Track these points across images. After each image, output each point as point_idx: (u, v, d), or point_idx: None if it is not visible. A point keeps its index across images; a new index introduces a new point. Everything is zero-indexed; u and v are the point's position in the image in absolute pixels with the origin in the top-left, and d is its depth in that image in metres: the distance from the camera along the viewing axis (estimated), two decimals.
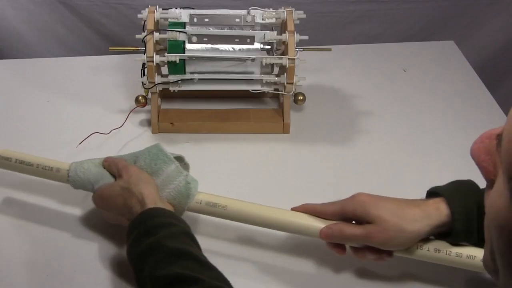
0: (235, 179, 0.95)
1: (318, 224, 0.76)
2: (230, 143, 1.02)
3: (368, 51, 1.26)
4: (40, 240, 0.84)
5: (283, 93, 1.01)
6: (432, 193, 0.76)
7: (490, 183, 0.42)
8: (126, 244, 0.73)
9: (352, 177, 0.96)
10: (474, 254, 0.73)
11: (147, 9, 0.98)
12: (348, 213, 0.75)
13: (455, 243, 0.74)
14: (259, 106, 1.08)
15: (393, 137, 1.04)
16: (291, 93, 1.01)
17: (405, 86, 1.16)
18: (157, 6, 0.99)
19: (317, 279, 0.80)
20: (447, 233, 0.73)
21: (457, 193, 0.73)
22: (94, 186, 0.80)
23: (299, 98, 1.04)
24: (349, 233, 0.73)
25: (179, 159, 0.82)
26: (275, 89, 1.01)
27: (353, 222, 0.75)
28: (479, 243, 0.74)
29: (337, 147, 1.02)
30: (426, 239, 0.74)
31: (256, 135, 1.04)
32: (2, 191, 0.91)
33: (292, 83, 0.98)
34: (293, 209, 0.79)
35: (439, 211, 0.72)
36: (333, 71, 1.19)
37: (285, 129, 1.04)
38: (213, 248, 0.80)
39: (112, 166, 0.81)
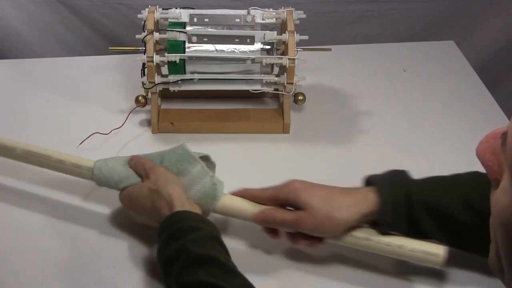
0: (235, 179, 0.95)
1: (254, 209, 0.78)
2: (230, 143, 1.02)
3: (368, 51, 1.26)
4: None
5: (283, 93, 1.01)
6: (368, 181, 0.78)
7: (496, 182, 0.42)
8: (156, 246, 0.73)
9: (352, 177, 0.96)
10: (402, 244, 0.75)
11: (147, 9, 0.98)
12: (281, 199, 0.77)
13: (384, 232, 0.75)
14: (259, 106, 1.08)
15: (393, 137, 1.04)
16: (291, 93, 1.01)
17: (405, 86, 1.16)
18: (157, 6, 0.99)
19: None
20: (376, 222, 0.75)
21: (387, 183, 0.75)
22: (119, 185, 0.80)
23: (299, 98, 1.04)
24: (280, 218, 0.76)
25: (205, 158, 0.82)
26: (275, 89, 1.01)
27: (289, 208, 0.77)
28: (409, 234, 0.75)
29: (337, 147, 1.02)
30: (358, 227, 0.76)
31: (256, 135, 1.04)
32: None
33: (292, 83, 0.98)
34: (233, 193, 0.81)
35: (368, 199, 0.74)
36: (333, 71, 1.19)
37: (285, 129, 1.04)
38: None
39: (138, 166, 0.80)
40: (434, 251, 0.74)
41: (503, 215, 0.40)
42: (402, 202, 0.73)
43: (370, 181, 0.77)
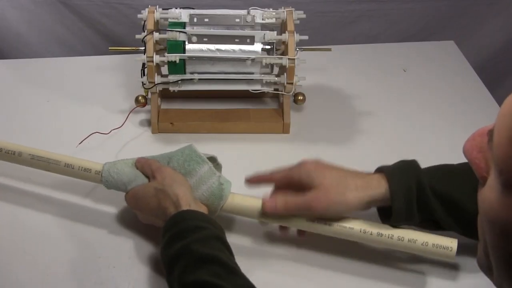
0: (234, 179, 0.95)
1: (259, 204, 0.78)
2: (230, 143, 1.02)
3: (368, 51, 1.26)
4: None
5: (283, 93, 1.01)
6: (379, 171, 0.79)
7: (483, 180, 0.42)
8: (160, 245, 0.73)
9: None
10: (415, 238, 0.76)
11: (147, 9, 0.98)
12: (294, 180, 0.77)
13: (397, 225, 0.76)
14: (259, 106, 1.08)
15: (393, 137, 1.04)
16: (291, 93, 1.01)
17: (405, 86, 1.16)
18: (157, 6, 0.99)
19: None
20: (389, 214, 0.75)
21: (398, 171, 0.76)
22: (127, 186, 0.80)
23: (299, 98, 1.04)
24: (291, 201, 0.76)
25: (212, 159, 0.82)
26: (275, 89, 1.01)
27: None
28: (422, 223, 0.76)
29: (337, 147, 1.02)
30: (369, 223, 0.77)
31: (256, 135, 1.04)
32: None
33: (292, 83, 0.98)
34: (248, 179, 0.82)
35: (380, 184, 0.75)
36: (333, 71, 1.19)
37: (285, 129, 1.04)
38: None
39: (145, 167, 0.81)
40: (447, 244, 0.75)
41: (490, 212, 0.40)
42: (413, 190, 0.74)
43: (381, 171, 0.77)
